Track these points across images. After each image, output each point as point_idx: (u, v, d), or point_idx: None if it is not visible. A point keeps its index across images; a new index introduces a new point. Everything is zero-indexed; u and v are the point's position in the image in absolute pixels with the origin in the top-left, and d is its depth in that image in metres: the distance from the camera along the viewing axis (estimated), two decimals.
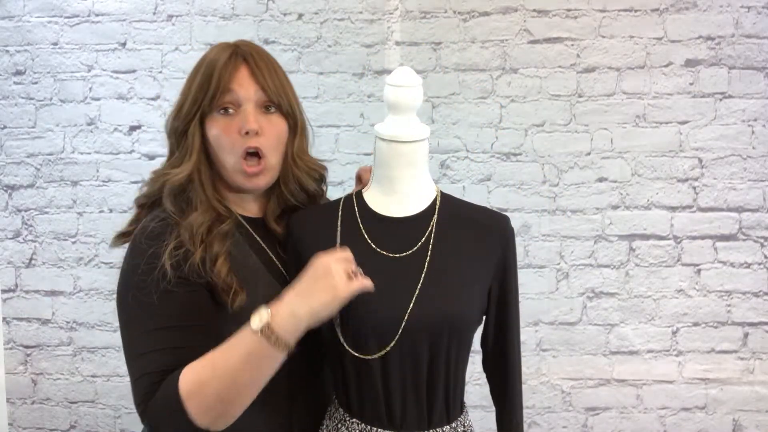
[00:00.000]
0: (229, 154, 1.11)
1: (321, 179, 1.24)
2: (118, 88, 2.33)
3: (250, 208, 1.20)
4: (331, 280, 0.95)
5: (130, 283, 1.05)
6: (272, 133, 1.13)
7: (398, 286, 1.06)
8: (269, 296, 1.08)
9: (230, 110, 1.11)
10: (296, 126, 1.17)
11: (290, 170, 1.17)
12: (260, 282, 1.12)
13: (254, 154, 1.12)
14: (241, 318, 1.05)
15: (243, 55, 1.12)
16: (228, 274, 1.06)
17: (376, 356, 1.04)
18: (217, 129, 1.11)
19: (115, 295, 1.08)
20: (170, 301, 1.02)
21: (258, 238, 1.18)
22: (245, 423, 1.12)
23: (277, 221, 1.19)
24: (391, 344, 1.03)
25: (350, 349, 1.04)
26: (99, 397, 2.41)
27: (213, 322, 1.05)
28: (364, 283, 0.98)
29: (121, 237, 1.15)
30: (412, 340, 1.04)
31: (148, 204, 1.16)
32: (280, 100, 1.13)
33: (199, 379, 0.96)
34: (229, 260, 1.08)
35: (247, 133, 1.09)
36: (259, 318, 0.95)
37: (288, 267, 1.16)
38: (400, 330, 1.04)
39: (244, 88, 1.10)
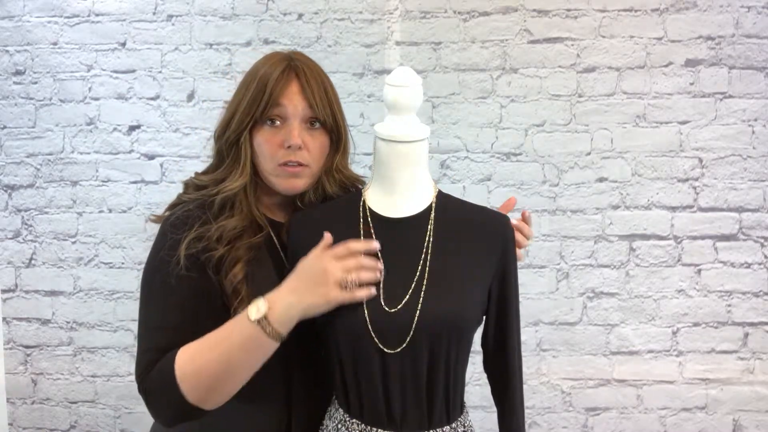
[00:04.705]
0: (270, 162, 1.15)
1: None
2: (118, 87, 2.33)
3: (278, 215, 1.23)
4: (324, 287, 1.02)
5: (153, 265, 1.12)
6: (314, 147, 1.16)
7: (398, 287, 1.06)
8: None
9: (277, 122, 1.15)
10: (339, 142, 1.20)
11: (318, 182, 1.19)
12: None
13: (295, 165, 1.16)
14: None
15: (295, 69, 1.15)
16: (241, 282, 1.10)
17: (398, 350, 1.04)
18: (261, 138, 1.15)
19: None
20: (185, 283, 1.09)
21: (278, 245, 1.19)
22: (245, 424, 1.12)
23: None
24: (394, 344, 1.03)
25: (379, 343, 1.04)
26: (99, 397, 2.40)
27: (218, 313, 1.09)
28: (355, 295, 1.03)
29: (157, 219, 1.21)
30: (413, 341, 1.04)
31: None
32: (326, 117, 1.16)
33: (194, 360, 1.02)
34: (248, 268, 1.11)
35: (289, 147, 1.13)
36: (257, 309, 1.01)
37: (290, 268, 1.16)
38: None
39: (293, 103, 1.14)
